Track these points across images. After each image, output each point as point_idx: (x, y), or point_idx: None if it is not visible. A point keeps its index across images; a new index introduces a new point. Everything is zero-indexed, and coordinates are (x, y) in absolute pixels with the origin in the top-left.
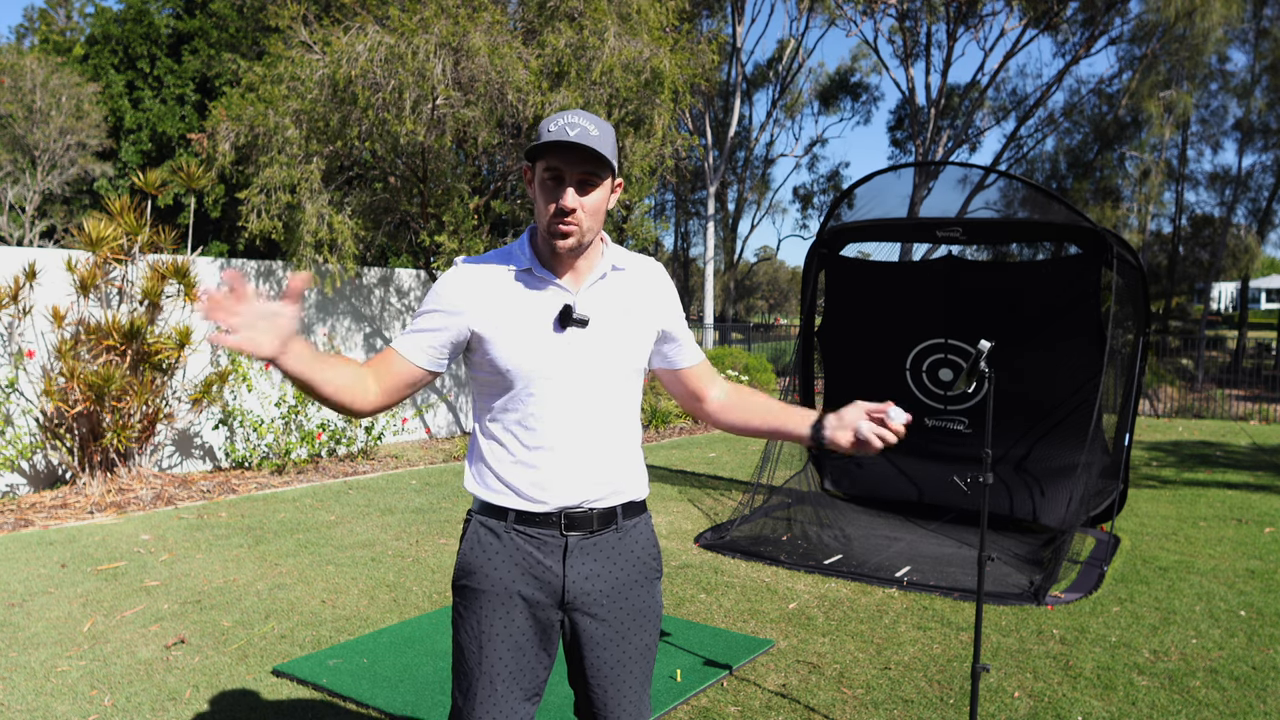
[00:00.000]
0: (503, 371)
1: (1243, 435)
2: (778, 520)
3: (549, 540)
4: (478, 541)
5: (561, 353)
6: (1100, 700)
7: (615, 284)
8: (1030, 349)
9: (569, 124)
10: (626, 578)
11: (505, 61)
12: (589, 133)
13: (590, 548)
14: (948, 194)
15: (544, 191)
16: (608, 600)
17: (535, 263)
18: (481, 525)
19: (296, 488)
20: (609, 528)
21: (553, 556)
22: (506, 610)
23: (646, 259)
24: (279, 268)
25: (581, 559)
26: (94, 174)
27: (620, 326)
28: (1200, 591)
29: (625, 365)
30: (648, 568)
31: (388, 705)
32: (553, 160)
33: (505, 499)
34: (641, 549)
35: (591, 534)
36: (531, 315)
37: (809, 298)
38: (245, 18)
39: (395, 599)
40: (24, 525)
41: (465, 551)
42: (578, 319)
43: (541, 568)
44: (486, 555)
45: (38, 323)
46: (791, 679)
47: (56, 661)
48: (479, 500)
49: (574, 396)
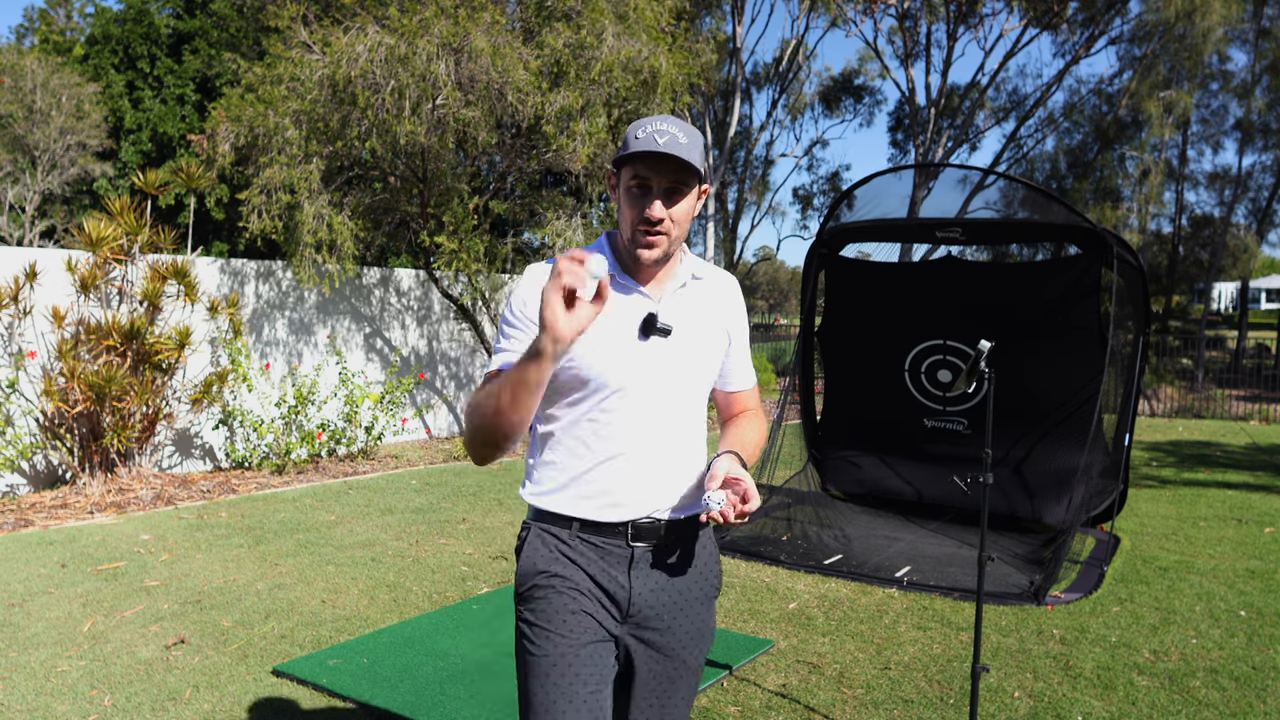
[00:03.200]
0: (584, 380)
1: (1242, 435)
2: (778, 520)
3: (615, 550)
4: (542, 544)
5: (644, 362)
6: (1100, 700)
7: (695, 294)
8: (1030, 349)
9: (657, 131)
10: (690, 594)
11: (507, 62)
12: (678, 141)
13: (655, 560)
14: (947, 194)
15: (630, 200)
16: (669, 616)
17: (617, 268)
18: (544, 531)
19: (296, 488)
20: (675, 540)
21: (618, 567)
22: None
23: (722, 271)
24: (279, 268)
25: (648, 570)
26: (94, 174)
27: (700, 337)
28: (1200, 591)
29: (703, 377)
30: (710, 585)
31: (388, 705)
32: (640, 169)
33: (572, 507)
34: (705, 565)
35: (657, 546)
36: (615, 322)
37: (809, 298)
38: (245, 17)
39: (395, 599)
40: (24, 525)
41: (529, 556)
42: (661, 328)
43: (608, 576)
44: (554, 556)
45: (38, 323)
46: (791, 679)
47: (56, 661)
48: (538, 509)
49: (651, 406)
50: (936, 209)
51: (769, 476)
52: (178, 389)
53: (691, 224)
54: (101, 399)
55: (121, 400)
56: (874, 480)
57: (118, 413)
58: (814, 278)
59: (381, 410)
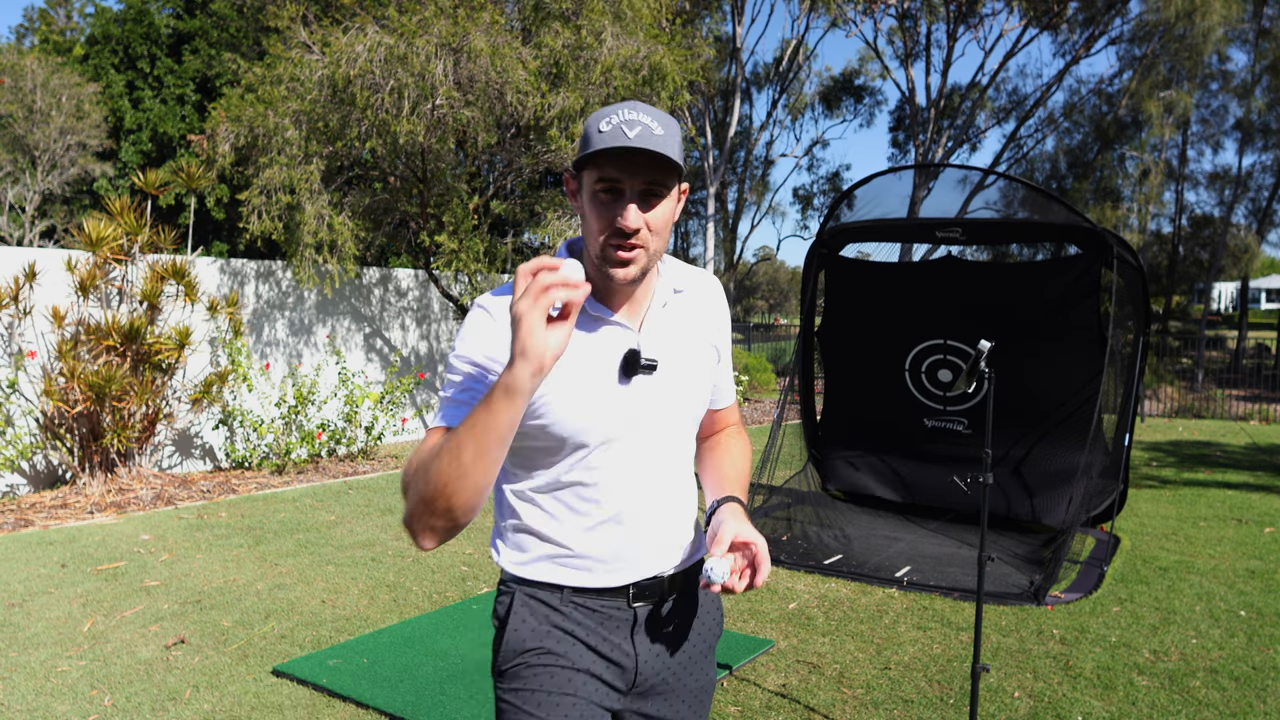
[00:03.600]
0: (560, 437)
1: (1242, 435)
2: (778, 520)
3: (614, 614)
4: (530, 615)
5: (630, 408)
6: (1100, 700)
7: (677, 312)
8: (1030, 349)
9: (626, 122)
10: (695, 648)
11: (506, 62)
12: (652, 132)
13: (659, 619)
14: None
15: (596, 208)
16: (674, 679)
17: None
18: (530, 598)
19: (296, 488)
20: (680, 593)
21: (620, 632)
22: (574, 688)
23: (703, 275)
24: (279, 268)
25: (651, 633)
26: (94, 174)
27: (690, 366)
28: (1200, 591)
29: (697, 410)
30: (712, 635)
31: (387, 705)
32: (608, 170)
33: (563, 576)
34: (708, 614)
35: (661, 602)
36: (589, 365)
37: (809, 298)
38: (245, 17)
39: (395, 599)
40: (24, 525)
41: (516, 629)
42: (646, 364)
43: (609, 645)
44: (546, 629)
45: (38, 323)
46: (791, 679)
47: (57, 661)
48: (519, 577)
49: (644, 457)
50: (937, 209)
51: (769, 476)
52: (178, 389)
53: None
54: (101, 399)
55: (121, 400)
56: (874, 480)
57: (118, 413)
58: (814, 278)
59: (381, 410)
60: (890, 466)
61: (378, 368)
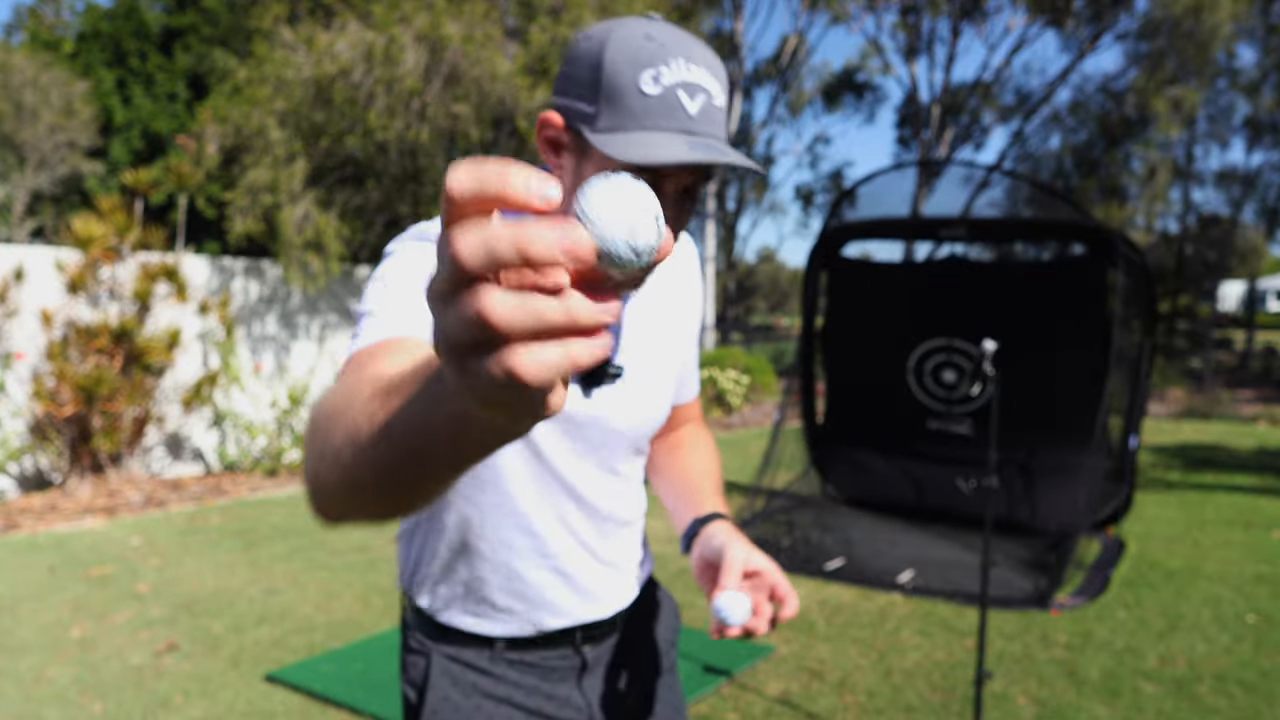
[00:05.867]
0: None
1: (1251, 437)
2: (779, 524)
3: (559, 664)
4: (452, 685)
5: (588, 424)
6: (1106, 707)
7: (648, 296)
8: (1035, 350)
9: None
10: (654, 673)
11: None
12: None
13: (607, 655)
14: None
15: None
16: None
17: None
18: (454, 663)
19: (289, 491)
20: (633, 626)
21: (566, 683)
22: None
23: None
24: (269, 266)
25: (602, 674)
26: (84, 172)
27: (660, 364)
28: (1208, 596)
29: (659, 419)
30: (671, 646)
31: (381, 711)
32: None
33: (491, 625)
34: (664, 627)
35: (608, 637)
36: None
37: (810, 298)
38: (236, 14)
39: (389, 604)
40: (12, 529)
41: (436, 707)
42: (611, 372)
43: (555, 703)
44: (474, 703)
45: (26, 324)
46: (792, 685)
47: (45, 668)
48: (438, 625)
49: (599, 480)
50: (940, 207)
51: (769, 479)
52: (168, 391)
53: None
54: (91, 401)
55: (111, 402)
56: (876, 483)
57: (107, 415)
58: (816, 278)
59: None
60: (893, 469)
61: None
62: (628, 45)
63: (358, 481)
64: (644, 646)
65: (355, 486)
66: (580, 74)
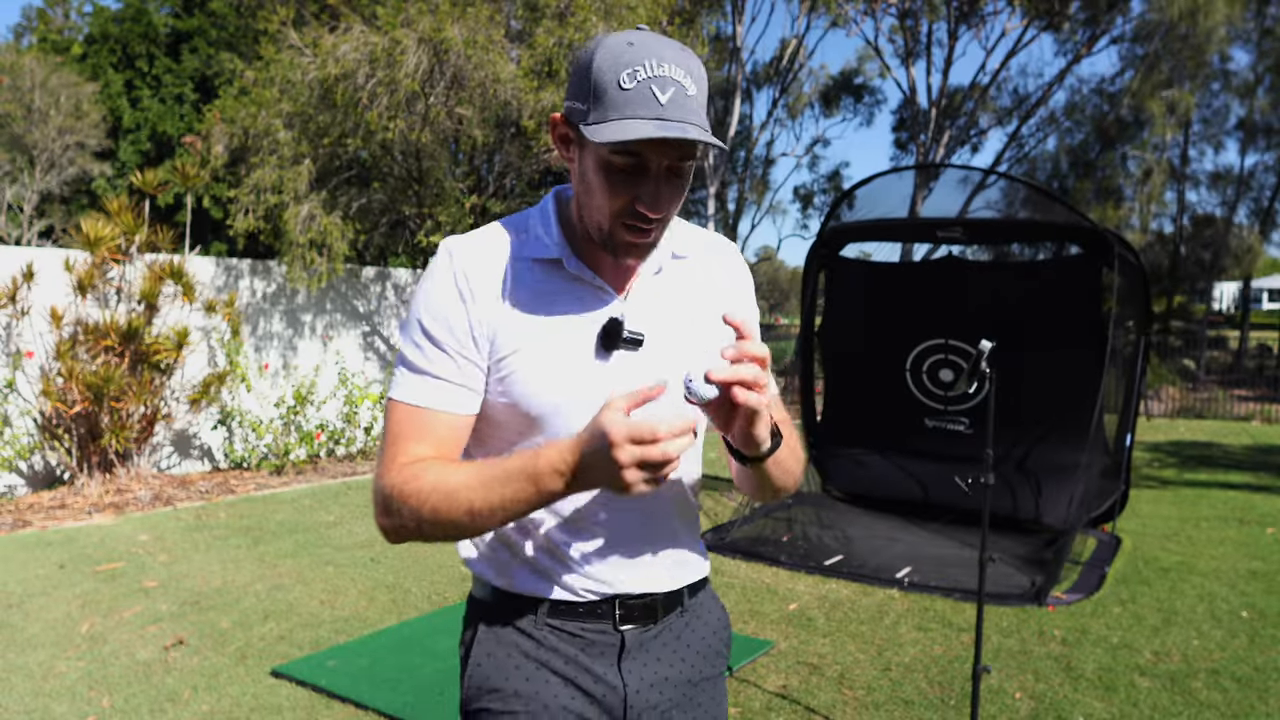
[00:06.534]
0: (527, 415)
1: (1244, 436)
2: (778, 521)
3: (598, 638)
4: (497, 644)
5: (607, 387)
6: (1102, 701)
7: (675, 280)
8: (1031, 349)
9: (656, 81)
10: (698, 675)
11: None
12: (685, 95)
13: (652, 643)
14: (948, 194)
15: (608, 181)
16: (677, 712)
17: (566, 251)
18: (501, 625)
19: (295, 488)
20: (674, 613)
21: (604, 661)
22: None
23: (716, 238)
24: (275, 265)
25: (643, 659)
26: (93, 174)
27: (686, 344)
28: (1202, 592)
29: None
30: (719, 656)
31: (387, 707)
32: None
33: (535, 585)
34: (713, 634)
35: (653, 625)
36: (566, 331)
37: (809, 298)
38: (243, 16)
39: (394, 600)
40: (22, 526)
41: (480, 661)
42: (629, 337)
43: (591, 677)
44: (514, 663)
45: (36, 323)
46: (792, 680)
47: (55, 663)
48: (490, 588)
49: None
50: (937, 209)
51: None
52: (176, 389)
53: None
54: (100, 399)
55: (120, 400)
56: (875, 480)
57: (116, 413)
58: (814, 277)
59: (381, 410)
60: (891, 467)
61: (376, 366)
62: (611, 51)
63: (460, 532)
64: (688, 645)
65: (455, 534)
66: (577, 79)
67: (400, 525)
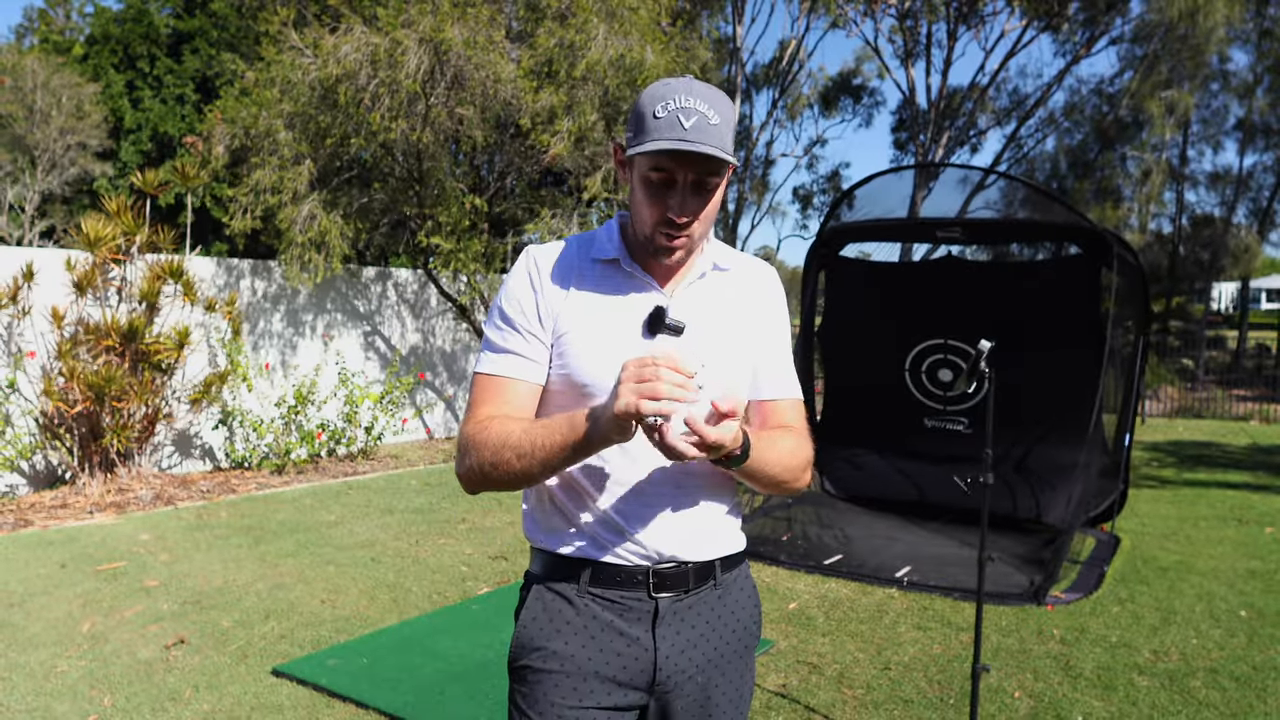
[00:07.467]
0: (578, 384)
1: (1243, 435)
2: (778, 520)
3: (634, 604)
4: (542, 610)
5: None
6: (1100, 700)
7: (715, 286)
8: (1030, 349)
9: (682, 111)
10: (727, 648)
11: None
12: (708, 121)
13: (685, 612)
14: (948, 194)
15: (648, 194)
16: (704, 678)
17: (624, 253)
18: (548, 591)
19: (296, 488)
20: (706, 585)
21: (639, 625)
22: (579, 698)
23: (757, 262)
24: (275, 265)
25: (676, 626)
26: (94, 174)
27: (720, 335)
28: (1201, 592)
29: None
30: (749, 634)
31: (387, 706)
32: (662, 159)
33: (579, 548)
34: (745, 611)
35: (686, 594)
36: (616, 317)
37: (809, 298)
38: (244, 17)
39: (395, 599)
40: (23, 525)
41: (526, 623)
42: (671, 325)
43: (625, 640)
44: (555, 626)
45: (37, 323)
46: (791, 679)
47: (56, 662)
48: (543, 555)
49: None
50: (937, 209)
51: None
52: (177, 389)
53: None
54: (101, 399)
55: (121, 400)
56: (874, 480)
57: (117, 413)
58: (814, 278)
59: (381, 410)
60: (891, 466)
61: (376, 366)
62: (653, 91)
63: (512, 474)
64: (720, 618)
65: (508, 476)
66: (631, 115)
67: (469, 469)
